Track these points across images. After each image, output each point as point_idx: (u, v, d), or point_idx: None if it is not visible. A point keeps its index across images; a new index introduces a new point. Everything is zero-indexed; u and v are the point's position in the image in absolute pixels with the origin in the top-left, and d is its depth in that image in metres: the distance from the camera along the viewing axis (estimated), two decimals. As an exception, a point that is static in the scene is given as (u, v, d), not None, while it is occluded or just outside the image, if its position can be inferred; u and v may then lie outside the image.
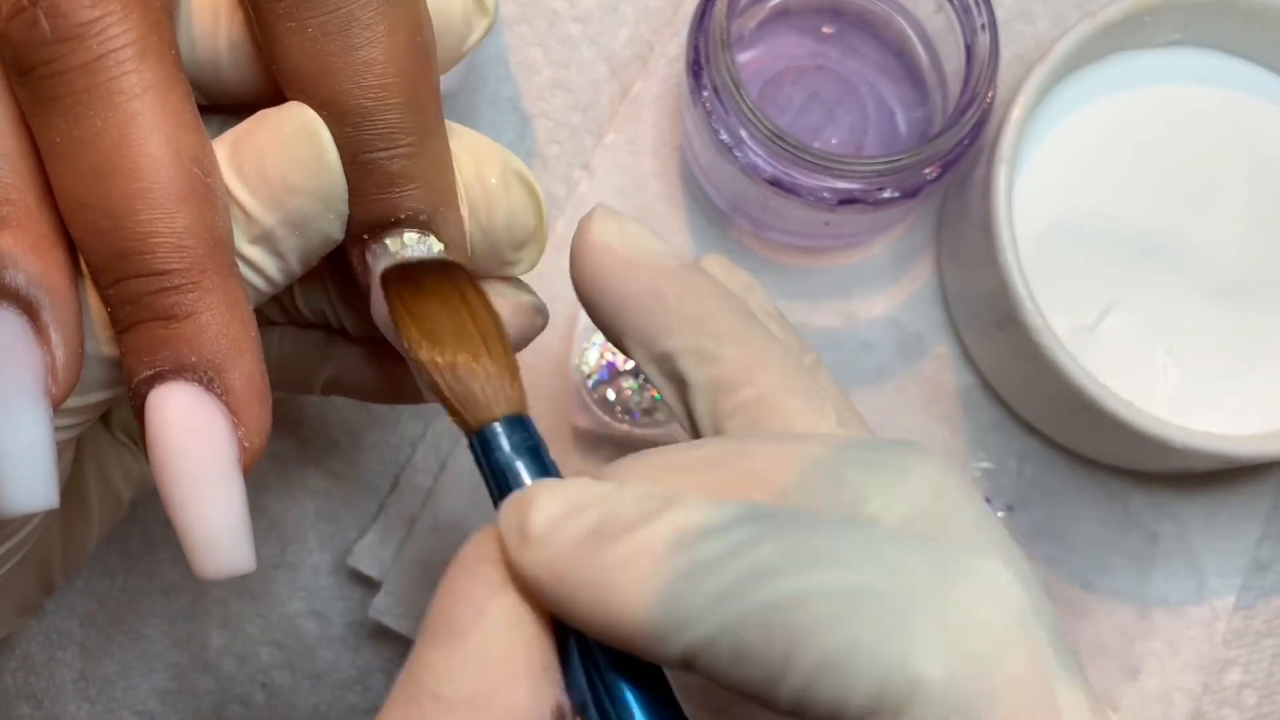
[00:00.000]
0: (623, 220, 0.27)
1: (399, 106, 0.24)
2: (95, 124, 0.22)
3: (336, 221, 0.25)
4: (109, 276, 0.23)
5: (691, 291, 0.26)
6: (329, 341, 0.31)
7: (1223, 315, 0.40)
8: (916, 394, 0.43)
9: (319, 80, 0.24)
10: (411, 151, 0.25)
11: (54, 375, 0.23)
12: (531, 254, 0.28)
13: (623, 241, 0.26)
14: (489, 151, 0.27)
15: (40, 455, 0.23)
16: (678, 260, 0.26)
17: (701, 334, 0.25)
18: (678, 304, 0.26)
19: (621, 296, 0.26)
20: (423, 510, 0.42)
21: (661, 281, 0.26)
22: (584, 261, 0.26)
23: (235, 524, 0.23)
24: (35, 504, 0.23)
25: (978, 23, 0.38)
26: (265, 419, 0.24)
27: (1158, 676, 0.42)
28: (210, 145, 0.24)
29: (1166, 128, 0.41)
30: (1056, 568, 0.42)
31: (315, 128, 0.24)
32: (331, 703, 0.42)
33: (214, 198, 0.23)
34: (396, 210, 0.25)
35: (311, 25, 0.24)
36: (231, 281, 0.23)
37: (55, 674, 0.42)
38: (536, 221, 0.27)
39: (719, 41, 0.37)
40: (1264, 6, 0.40)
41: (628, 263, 0.26)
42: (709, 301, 0.26)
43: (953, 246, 0.43)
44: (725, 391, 0.25)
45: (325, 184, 0.24)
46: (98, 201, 0.22)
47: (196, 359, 0.23)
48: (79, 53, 0.22)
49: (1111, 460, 0.43)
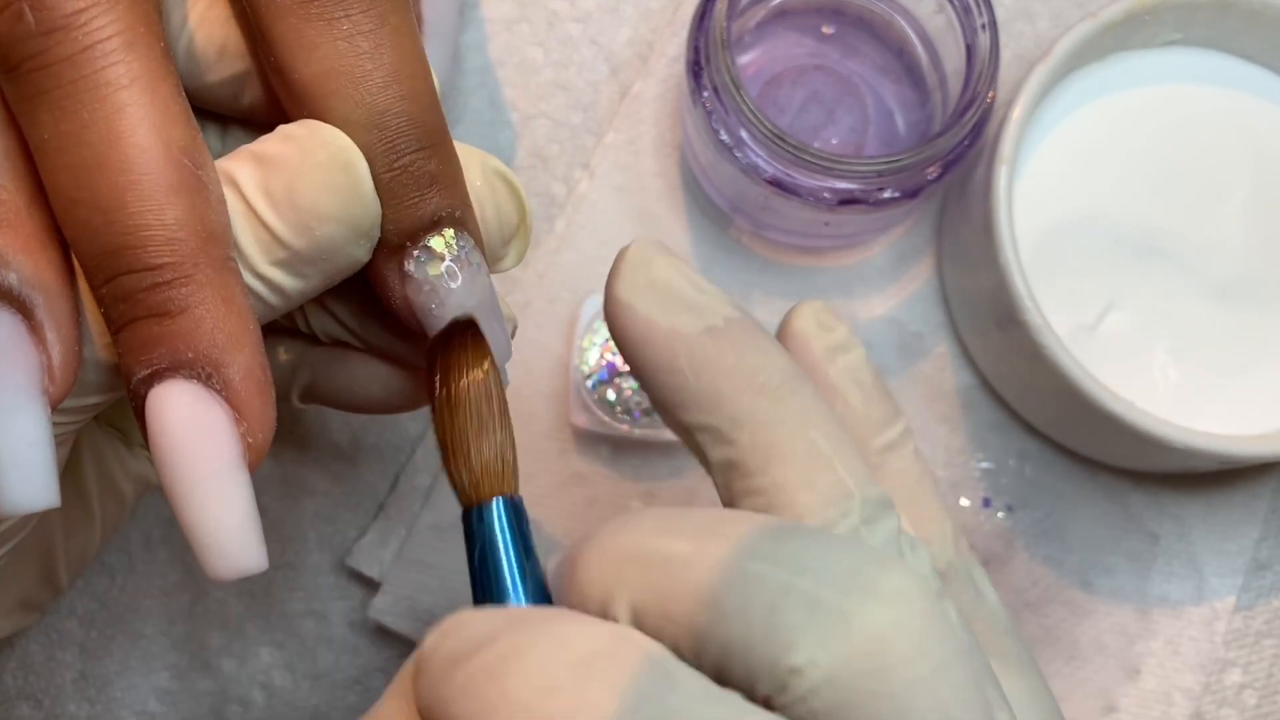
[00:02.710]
0: (653, 268, 0.25)
1: (428, 105, 0.24)
2: (83, 117, 0.22)
3: (365, 246, 0.25)
4: (102, 274, 0.23)
5: (709, 364, 0.24)
6: (302, 348, 0.30)
7: (1223, 315, 0.40)
8: (916, 394, 0.43)
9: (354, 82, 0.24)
10: (444, 151, 0.25)
11: (50, 375, 0.23)
12: (518, 247, 0.28)
13: (645, 299, 0.25)
14: (466, 154, 0.27)
15: (39, 455, 0.22)
16: (705, 322, 0.24)
17: (717, 414, 0.24)
18: (694, 379, 0.24)
19: (642, 364, 0.25)
20: (423, 510, 0.42)
21: (679, 353, 0.24)
22: (611, 319, 0.25)
23: (244, 523, 0.23)
24: (35, 503, 0.23)
25: (978, 22, 0.38)
26: (269, 414, 0.24)
27: (1158, 676, 0.42)
28: (201, 137, 0.24)
29: (1166, 128, 0.41)
30: (1056, 568, 0.42)
31: (351, 156, 0.24)
32: (331, 703, 0.42)
33: (206, 190, 0.23)
34: (438, 210, 0.25)
35: (346, 24, 0.24)
36: (227, 275, 0.23)
37: (55, 674, 0.42)
38: (520, 215, 0.27)
39: (719, 42, 0.37)
40: (1264, 6, 0.40)
41: (648, 329, 0.24)
42: (727, 380, 0.24)
43: (953, 246, 0.43)
44: (739, 475, 0.24)
45: (359, 213, 0.24)
46: (88, 196, 0.22)
47: (193, 355, 0.23)
48: (65, 45, 0.22)
49: (1111, 460, 0.43)
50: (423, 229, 0.25)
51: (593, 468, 0.42)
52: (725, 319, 0.24)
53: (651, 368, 0.24)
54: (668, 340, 0.24)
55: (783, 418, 0.24)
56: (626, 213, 0.44)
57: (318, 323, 0.28)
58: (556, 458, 0.42)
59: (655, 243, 0.25)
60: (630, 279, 0.25)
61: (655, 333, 0.24)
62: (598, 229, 0.43)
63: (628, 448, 0.42)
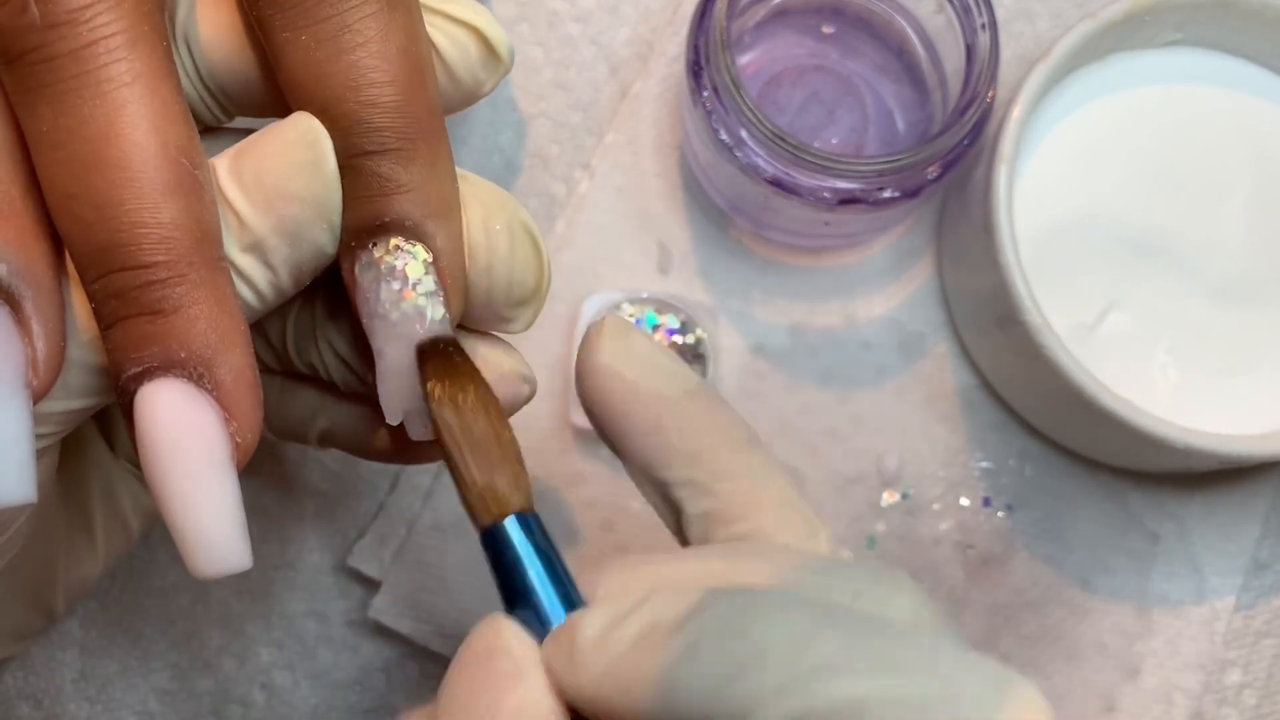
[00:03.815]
0: (631, 338, 0.26)
1: (388, 111, 0.24)
2: (83, 112, 0.22)
3: (329, 233, 0.25)
4: (95, 271, 0.23)
5: (691, 423, 0.26)
6: (321, 396, 0.30)
7: (1223, 315, 0.40)
8: (916, 394, 0.43)
9: (314, 86, 0.24)
10: (401, 157, 0.24)
11: (35, 368, 0.22)
12: (528, 314, 0.27)
13: (628, 365, 0.26)
14: (498, 201, 0.26)
15: (18, 449, 0.22)
16: (682, 387, 0.26)
17: (699, 469, 0.25)
18: (678, 438, 0.26)
19: (623, 424, 0.26)
20: (423, 510, 0.42)
21: (663, 413, 0.26)
22: (589, 382, 0.26)
23: (230, 521, 0.23)
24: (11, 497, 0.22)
25: (978, 22, 0.38)
26: (257, 413, 0.24)
27: (1158, 676, 0.42)
28: (198, 138, 0.24)
29: (1166, 128, 0.41)
30: (1056, 568, 0.42)
31: (316, 135, 0.24)
32: (331, 703, 0.42)
33: (201, 190, 0.23)
34: (382, 214, 0.24)
35: (306, 34, 0.24)
36: (219, 275, 0.23)
37: (55, 674, 0.42)
38: (537, 280, 0.27)
39: (719, 42, 0.37)
40: (1264, 6, 0.40)
41: (631, 391, 0.26)
42: (708, 436, 0.26)
43: (953, 246, 0.43)
44: (720, 524, 0.25)
45: (319, 190, 0.24)
46: (84, 191, 0.22)
47: (185, 354, 0.23)
48: (68, 39, 0.22)
49: (1111, 460, 0.43)
50: (367, 231, 0.25)
51: (593, 468, 0.42)
52: (696, 383, 0.26)
53: (635, 429, 0.26)
54: (654, 403, 0.26)
55: (754, 469, 0.26)
56: (626, 213, 0.44)
57: (339, 375, 0.28)
58: (556, 458, 0.42)
59: (624, 320, 0.27)
60: (613, 348, 0.26)
61: (640, 396, 0.26)
62: (598, 229, 0.44)
63: (628, 448, 0.42)
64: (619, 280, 0.43)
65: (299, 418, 0.30)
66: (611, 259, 0.43)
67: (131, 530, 0.32)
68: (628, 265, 0.43)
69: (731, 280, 0.43)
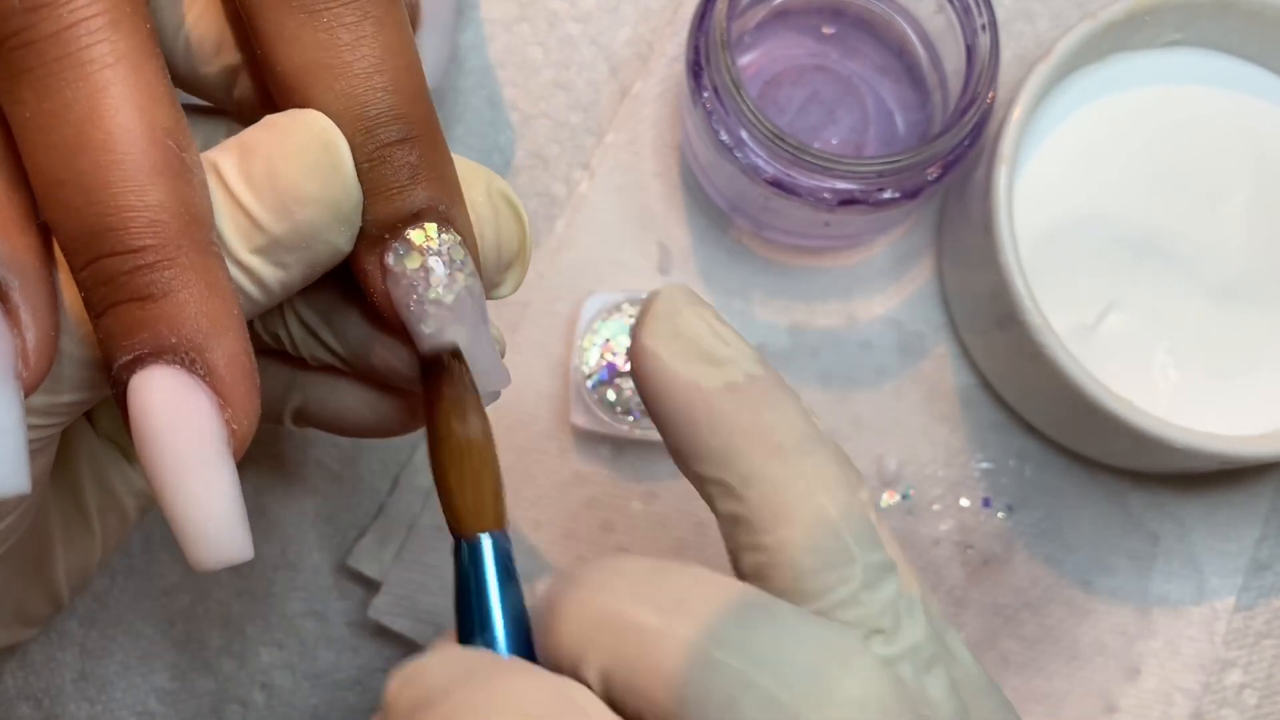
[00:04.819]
0: (680, 316, 0.25)
1: (413, 97, 0.24)
2: (66, 95, 0.22)
3: (346, 234, 0.24)
4: (83, 257, 0.22)
5: (725, 421, 0.24)
6: (291, 370, 0.29)
7: (1223, 315, 0.40)
8: (916, 394, 0.43)
9: (333, 73, 0.24)
10: (427, 144, 0.24)
11: (25, 359, 0.22)
12: (516, 276, 0.27)
13: (669, 348, 0.25)
14: (472, 172, 0.26)
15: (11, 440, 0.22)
16: (725, 378, 0.24)
17: (728, 470, 0.24)
18: (709, 434, 0.24)
19: (661, 413, 0.25)
20: (423, 510, 0.42)
21: (697, 407, 0.24)
22: (635, 364, 0.25)
23: (228, 510, 0.22)
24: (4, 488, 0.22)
25: (978, 23, 0.38)
26: (253, 400, 0.23)
27: (1158, 676, 0.42)
28: (185, 120, 0.23)
29: (1166, 128, 0.41)
30: (1056, 568, 0.42)
31: (332, 135, 0.23)
32: (331, 703, 0.42)
33: (189, 173, 0.23)
34: (419, 202, 0.24)
35: (326, 16, 0.23)
36: (210, 259, 0.23)
37: (55, 674, 0.42)
38: (521, 242, 0.27)
39: (719, 42, 0.37)
40: (1264, 6, 0.40)
41: (669, 380, 0.24)
42: (742, 438, 0.24)
43: (953, 247, 0.43)
44: (745, 530, 0.24)
45: (339, 194, 0.24)
46: (69, 176, 0.22)
47: (176, 340, 0.22)
48: (49, 21, 0.22)
49: (1111, 460, 0.43)
50: (402, 221, 0.24)
51: (593, 468, 0.42)
52: (747, 375, 0.24)
53: (669, 418, 0.25)
54: (687, 393, 0.24)
55: (793, 480, 0.24)
56: (626, 213, 0.44)
57: (306, 348, 0.28)
58: (556, 458, 0.42)
59: (685, 289, 0.25)
60: (655, 327, 0.25)
61: (676, 384, 0.24)
62: (598, 229, 0.44)
63: (628, 448, 0.42)
64: (619, 280, 0.43)
65: (271, 394, 0.29)
66: (611, 259, 0.43)
67: (127, 512, 0.32)
68: (628, 265, 0.43)
69: (731, 280, 0.43)
